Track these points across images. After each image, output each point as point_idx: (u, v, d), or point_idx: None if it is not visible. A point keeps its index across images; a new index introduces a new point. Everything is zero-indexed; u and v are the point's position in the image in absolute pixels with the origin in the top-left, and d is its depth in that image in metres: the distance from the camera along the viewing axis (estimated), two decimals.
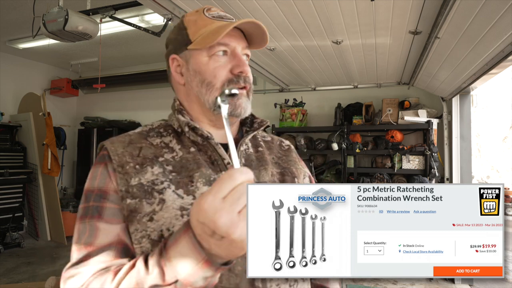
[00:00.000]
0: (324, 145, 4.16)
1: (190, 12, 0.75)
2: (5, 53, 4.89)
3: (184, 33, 0.71)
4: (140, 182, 0.62)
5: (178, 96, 0.76)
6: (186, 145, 0.70)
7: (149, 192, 0.61)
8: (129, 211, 0.61)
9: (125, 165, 0.64)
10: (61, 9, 2.27)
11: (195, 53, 0.70)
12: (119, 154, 0.65)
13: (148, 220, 0.60)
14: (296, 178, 0.79)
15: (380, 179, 3.77)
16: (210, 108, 0.70)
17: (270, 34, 2.64)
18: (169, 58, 0.75)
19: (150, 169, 0.64)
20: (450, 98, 3.78)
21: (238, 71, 0.69)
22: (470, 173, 3.78)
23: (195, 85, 0.70)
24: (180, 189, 0.63)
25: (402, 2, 2.06)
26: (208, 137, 0.68)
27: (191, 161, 0.67)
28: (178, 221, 0.60)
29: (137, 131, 0.72)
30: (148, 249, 0.60)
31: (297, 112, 4.39)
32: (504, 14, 1.78)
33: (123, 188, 0.62)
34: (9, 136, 4.81)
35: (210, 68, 0.68)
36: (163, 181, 0.63)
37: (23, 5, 3.31)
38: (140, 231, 0.60)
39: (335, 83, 4.41)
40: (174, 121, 0.73)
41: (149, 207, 0.61)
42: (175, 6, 2.10)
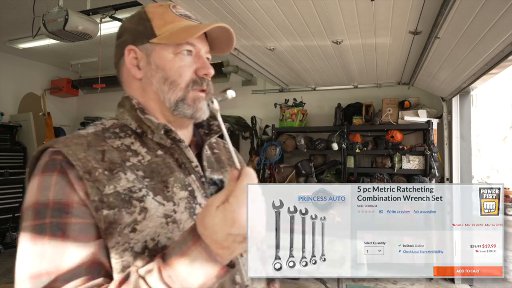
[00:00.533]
0: (324, 145, 4.16)
1: (152, 5, 0.71)
2: (5, 53, 4.88)
3: (147, 25, 0.67)
4: (116, 190, 0.56)
5: (130, 92, 0.70)
6: (152, 148, 0.65)
7: (127, 201, 0.56)
8: (107, 223, 0.54)
9: (93, 171, 0.56)
10: (61, 9, 2.27)
11: (159, 48, 0.66)
12: (81, 159, 0.57)
13: (131, 231, 0.55)
14: None
15: (380, 179, 3.77)
16: (171, 107, 0.67)
17: (270, 34, 2.65)
18: (124, 49, 0.68)
19: (123, 175, 0.58)
20: (450, 98, 3.78)
21: (203, 74, 0.67)
22: (470, 173, 3.78)
23: (156, 81, 0.66)
24: (158, 196, 0.59)
25: (402, 2, 2.06)
26: (180, 140, 0.66)
27: (161, 165, 0.63)
28: (163, 230, 0.57)
29: (90, 131, 0.64)
30: (129, 262, 0.55)
31: (297, 112, 4.39)
32: (504, 14, 1.78)
33: (96, 197, 0.55)
34: (9, 136, 4.81)
35: (175, 66, 0.66)
36: (141, 188, 0.58)
37: (23, 5, 3.31)
38: (122, 244, 0.55)
39: (335, 83, 4.41)
40: (129, 121, 0.67)
41: (129, 217, 0.55)
42: None
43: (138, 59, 0.67)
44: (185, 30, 0.66)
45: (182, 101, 0.66)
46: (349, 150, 4.02)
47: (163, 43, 0.66)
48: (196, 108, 0.67)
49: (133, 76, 0.68)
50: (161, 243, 0.56)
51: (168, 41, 0.65)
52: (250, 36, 2.71)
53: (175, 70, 0.66)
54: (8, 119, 4.97)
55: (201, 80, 0.68)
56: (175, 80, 0.66)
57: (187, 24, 0.68)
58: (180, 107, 0.66)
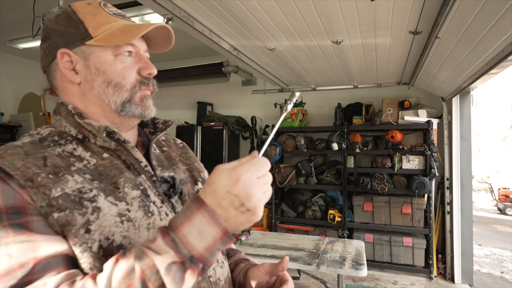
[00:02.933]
0: (324, 145, 4.16)
1: (79, 3, 0.66)
2: (5, 53, 4.89)
3: (80, 26, 0.63)
4: (64, 192, 0.54)
5: (67, 97, 0.66)
6: (96, 152, 0.62)
7: (77, 202, 0.54)
8: (60, 226, 0.52)
9: (35, 177, 0.53)
10: (61, 9, 2.27)
11: (97, 50, 0.63)
12: (19, 167, 0.53)
13: (85, 232, 0.53)
14: (201, 172, 0.82)
15: (380, 179, 3.77)
16: (117, 110, 0.65)
17: (270, 34, 2.65)
18: (55, 52, 0.64)
19: (70, 177, 0.56)
20: (450, 98, 3.78)
21: (147, 73, 0.67)
22: (470, 173, 3.79)
23: (98, 85, 0.64)
24: (109, 197, 0.58)
25: (402, 2, 2.06)
26: (124, 141, 0.64)
27: (109, 167, 0.61)
28: (118, 228, 0.55)
29: (26, 141, 0.59)
30: (91, 263, 0.53)
31: (297, 112, 4.39)
32: (504, 14, 1.78)
33: (43, 203, 0.52)
34: (9, 136, 4.81)
35: (117, 69, 0.64)
36: (91, 189, 0.56)
37: (23, 5, 3.31)
38: (79, 245, 0.53)
39: (335, 83, 4.41)
40: (68, 127, 0.64)
41: (82, 218, 0.53)
42: (175, 6, 2.10)
43: (73, 62, 0.64)
44: (125, 31, 0.64)
45: (129, 102, 0.65)
46: (349, 150, 4.02)
47: (103, 45, 0.63)
48: (144, 106, 0.67)
49: (69, 81, 0.65)
50: (116, 242, 0.55)
51: (108, 42, 0.62)
52: (250, 36, 2.71)
53: (118, 73, 0.64)
54: (8, 119, 4.97)
55: (147, 80, 0.67)
56: (120, 83, 0.64)
57: (124, 24, 0.66)
58: (127, 108, 0.65)
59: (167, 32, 0.70)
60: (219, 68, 4.31)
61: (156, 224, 0.61)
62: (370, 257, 3.84)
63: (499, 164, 15.88)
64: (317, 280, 3.30)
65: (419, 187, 3.60)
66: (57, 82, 0.67)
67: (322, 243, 2.71)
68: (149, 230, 0.59)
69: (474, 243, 5.00)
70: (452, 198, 3.78)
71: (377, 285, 3.55)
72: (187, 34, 2.56)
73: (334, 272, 2.15)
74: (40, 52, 0.68)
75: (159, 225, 0.61)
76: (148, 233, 0.59)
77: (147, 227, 0.59)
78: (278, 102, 4.62)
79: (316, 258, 2.31)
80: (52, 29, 0.66)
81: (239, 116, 4.89)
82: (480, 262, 4.85)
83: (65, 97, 0.67)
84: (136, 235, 0.57)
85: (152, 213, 0.61)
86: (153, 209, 0.62)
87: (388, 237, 3.81)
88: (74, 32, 0.63)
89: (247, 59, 3.29)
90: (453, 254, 3.71)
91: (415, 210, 3.75)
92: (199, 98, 5.20)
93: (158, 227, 0.57)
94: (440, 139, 3.95)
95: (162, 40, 0.71)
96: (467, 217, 3.74)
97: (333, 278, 3.58)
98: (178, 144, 0.86)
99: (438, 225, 3.96)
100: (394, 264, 3.79)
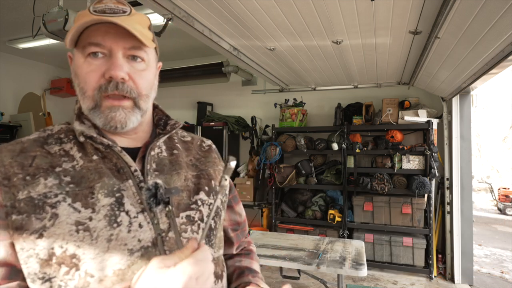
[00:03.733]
0: (324, 145, 4.16)
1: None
2: (5, 53, 4.88)
3: None
4: (29, 195, 0.55)
5: None
6: (88, 153, 0.62)
7: (39, 206, 0.54)
8: (14, 229, 0.53)
9: (12, 177, 0.56)
10: (61, 9, 2.27)
11: (76, 53, 0.63)
12: (5, 165, 0.57)
13: (37, 237, 0.53)
14: (213, 180, 0.74)
15: (380, 179, 3.77)
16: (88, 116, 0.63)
17: (270, 34, 2.65)
18: None
19: (43, 180, 0.57)
20: (450, 98, 3.78)
21: (108, 76, 0.60)
22: (470, 173, 3.79)
23: (76, 89, 0.64)
24: (77, 202, 0.56)
25: (402, 2, 2.06)
26: (109, 145, 0.61)
27: (92, 171, 0.60)
28: (72, 237, 0.54)
29: (32, 137, 0.63)
30: (35, 269, 0.53)
31: (297, 112, 4.39)
32: (504, 14, 1.78)
33: (8, 203, 0.54)
34: (9, 136, 4.81)
35: (83, 72, 0.61)
36: (57, 194, 0.56)
37: (23, 5, 3.31)
38: (27, 250, 0.53)
39: (335, 83, 4.41)
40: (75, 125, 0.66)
41: (39, 223, 0.53)
42: (175, 6, 2.10)
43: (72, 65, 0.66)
44: (74, 29, 0.59)
45: (93, 110, 0.62)
46: (349, 150, 4.02)
47: (68, 48, 0.62)
48: (108, 117, 0.61)
49: None
50: (69, 251, 0.53)
51: (66, 44, 0.61)
52: (250, 36, 2.71)
53: (83, 76, 0.61)
54: (8, 119, 4.97)
55: (106, 85, 0.60)
56: (83, 87, 0.62)
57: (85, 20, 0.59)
58: (92, 116, 0.62)
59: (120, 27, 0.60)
60: (219, 68, 4.31)
61: (120, 236, 0.56)
62: (370, 257, 3.84)
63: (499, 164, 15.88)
64: (317, 280, 3.30)
65: (419, 187, 3.60)
66: None
67: (322, 243, 2.71)
68: (110, 242, 0.55)
69: (474, 243, 5.00)
70: (452, 198, 3.78)
71: (377, 285, 3.55)
72: (187, 34, 2.56)
73: (334, 272, 2.15)
74: None
75: (124, 237, 0.57)
76: (108, 245, 0.55)
77: (108, 238, 0.55)
78: (278, 102, 4.62)
79: (316, 258, 2.31)
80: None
81: (239, 116, 4.88)
82: (480, 262, 4.86)
83: None
84: (91, 246, 0.54)
85: (118, 224, 0.57)
86: (121, 219, 0.57)
87: (388, 237, 3.81)
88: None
89: (247, 59, 3.29)
90: (453, 254, 3.71)
91: (415, 210, 3.75)
92: (199, 98, 5.20)
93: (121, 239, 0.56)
94: (440, 139, 3.95)
95: None
96: (467, 217, 3.74)
97: (333, 278, 3.58)
98: (203, 146, 0.81)
99: (438, 225, 3.96)
100: (394, 264, 3.79)
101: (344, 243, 2.71)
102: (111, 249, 0.55)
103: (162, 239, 0.60)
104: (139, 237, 0.58)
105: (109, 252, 0.55)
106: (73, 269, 0.53)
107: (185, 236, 0.63)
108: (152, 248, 0.58)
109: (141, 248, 0.57)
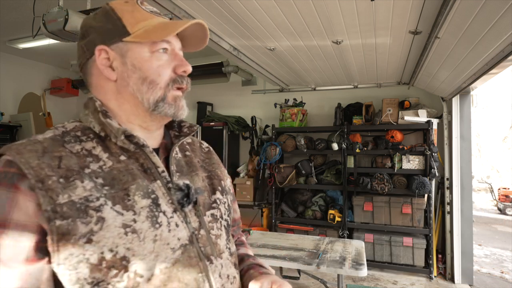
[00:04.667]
0: (324, 145, 4.16)
1: (117, 1, 0.66)
2: (5, 53, 4.88)
3: (118, 23, 0.63)
4: (70, 199, 0.53)
5: (101, 95, 0.66)
6: (114, 153, 0.62)
7: (82, 210, 0.53)
8: (60, 235, 0.52)
9: (46, 179, 0.53)
10: (61, 9, 2.27)
11: (134, 47, 0.63)
12: (34, 167, 0.53)
13: (85, 242, 0.52)
14: (222, 181, 0.78)
15: (380, 179, 3.77)
16: (149, 108, 0.64)
17: (270, 34, 2.65)
18: (93, 49, 0.64)
19: (80, 183, 0.55)
20: (450, 98, 3.78)
21: (182, 71, 0.67)
22: (470, 173, 3.79)
23: (133, 82, 0.63)
24: (117, 205, 0.56)
25: (402, 2, 2.06)
26: (143, 145, 0.63)
27: (123, 172, 0.60)
28: (122, 240, 0.54)
29: (48, 136, 0.60)
30: (85, 274, 0.52)
31: (297, 112, 4.39)
32: (504, 14, 1.78)
33: (48, 207, 0.52)
34: (9, 136, 4.81)
35: (153, 66, 0.64)
36: (99, 197, 0.55)
37: (23, 5, 3.31)
38: (77, 255, 0.52)
39: (335, 83, 4.41)
40: (93, 123, 0.64)
41: (85, 227, 0.53)
42: (175, 6, 2.10)
43: (111, 59, 0.64)
44: (162, 28, 0.64)
45: (162, 101, 0.64)
46: (349, 150, 4.02)
47: (138, 41, 0.63)
48: (177, 106, 0.66)
49: (106, 78, 0.65)
50: (119, 254, 0.54)
51: (145, 39, 0.63)
52: (250, 36, 2.71)
53: (154, 70, 0.64)
54: (8, 119, 4.96)
55: (181, 79, 0.67)
56: (154, 80, 0.64)
57: (161, 21, 0.66)
58: (160, 107, 0.65)
59: (202, 30, 0.69)
60: (219, 68, 4.31)
61: (163, 236, 0.58)
62: (370, 257, 3.84)
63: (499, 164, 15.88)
64: (317, 280, 3.30)
65: (419, 187, 3.60)
66: (93, 79, 0.67)
67: (322, 243, 2.71)
68: (155, 242, 0.57)
69: (474, 243, 5.00)
70: (452, 198, 3.78)
71: (377, 285, 3.55)
72: None
73: (334, 272, 2.15)
74: (77, 50, 0.69)
75: (166, 237, 0.59)
76: (154, 245, 0.57)
77: (153, 239, 0.57)
78: (278, 102, 4.62)
79: (316, 258, 2.31)
80: (90, 26, 0.66)
81: (239, 116, 4.88)
82: (480, 262, 4.86)
83: (100, 95, 0.67)
84: (140, 247, 0.56)
85: (160, 224, 0.59)
86: (161, 220, 0.59)
87: (388, 237, 3.81)
88: (112, 29, 0.64)
89: (247, 59, 3.29)
90: (453, 254, 3.71)
91: (415, 210, 3.75)
92: (199, 98, 5.20)
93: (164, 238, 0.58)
94: (440, 139, 3.95)
95: (197, 38, 0.71)
96: (467, 217, 3.74)
97: (333, 278, 3.58)
98: (203, 148, 0.84)
99: (438, 225, 3.96)
100: (394, 264, 3.79)
101: (344, 243, 2.71)
102: (157, 249, 0.57)
103: (195, 236, 0.63)
104: (178, 236, 0.61)
105: (155, 252, 0.57)
106: (122, 271, 0.54)
107: (213, 233, 0.67)
108: (190, 246, 0.62)
109: (181, 246, 0.60)
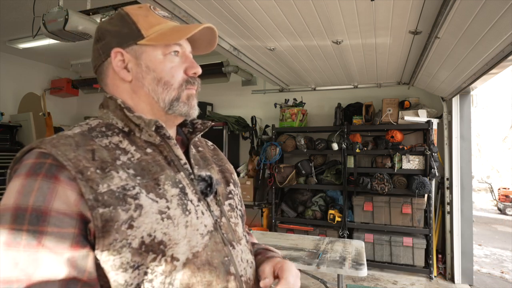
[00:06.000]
0: (324, 145, 4.16)
1: (131, 7, 0.71)
2: (5, 53, 4.88)
3: (133, 27, 0.67)
4: (110, 188, 0.56)
5: (116, 94, 0.69)
6: (140, 146, 0.66)
7: (122, 199, 0.57)
8: (104, 221, 0.55)
9: (85, 170, 0.56)
10: (61, 9, 2.27)
11: (149, 49, 0.67)
12: (71, 159, 0.56)
13: (127, 228, 0.56)
14: (232, 174, 0.84)
15: (380, 179, 3.77)
16: (164, 108, 0.68)
17: (270, 34, 2.65)
18: (109, 52, 0.68)
19: (116, 173, 0.59)
20: (450, 98, 3.78)
21: (193, 72, 0.70)
22: (470, 173, 3.79)
23: (148, 82, 0.67)
24: (151, 193, 0.60)
25: (402, 2, 2.06)
26: (169, 137, 0.67)
27: (152, 163, 0.64)
28: (159, 225, 0.58)
29: (76, 131, 0.63)
30: (128, 258, 0.55)
31: (297, 112, 4.39)
32: (504, 14, 1.78)
33: (90, 196, 0.55)
34: (9, 136, 4.81)
35: (166, 67, 0.68)
36: (134, 186, 0.59)
37: (23, 5, 3.31)
38: (120, 240, 0.55)
39: (335, 83, 4.42)
40: (115, 120, 0.67)
41: (125, 214, 0.56)
42: (175, 6, 2.10)
43: (125, 61, 0.68)
44: (175, 31, 0.68)
45: (176, 100, 0.69)
46: (349, 150, 4.02)
47: (152, 44, 0.67)
48: (190, 105, 0.71)
49: (121, 79, 0.68)
50: (157, 238, 0.58)
51: (158, 42, 0.67)
52: (250, 36, 2.71)
53: (167, 71, 0.68)
54: (8, 119, 4.97)
55: (193, 80, 0.71)
56: (168, 81, 0.68)
57: (174, 25, 0.70)
58: (175, 106, 0.69)
59: (212, 34, 0.73)
60: (219, 68, 4.31)
61: (193, 222, 0.63)
62: (370, 257, 3.84)
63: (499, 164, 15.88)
64: (317, 280, 3.30)
65: (419, 187, 3.60)
66: (109, 80, 0.70)
67: (322, 243, 2.71)
68: (187, 228, 0.61)
69: (474, 243, 5.00)
70: (452, 198, 3.78)
71: (377, 285, 3.55)
72: None
73: (334, 272, 2.15)
74: (92, 52, 0.72)
75: (195, 223, 0.63)
76: (186, 231, 0.61)
77: (185, 224, 0.61)
78: (278, 102, 4.62)
79: (316, 258, 2.31)
80: (106, 30, 0.70)
81: (239, 116, 4.88)
82: (480, 262, 4.86)
83: (116, 94, 0.70)
84: (175, 232, 0.60)
85: (189, 211, 0.63)
86: (190, 208, 0.64)
87: (388, 237, 3.81)
88: (127, 33, 0.68)
89: (247, 59, 3.29)
90: (453, 254, 3.71)
91: (415, 210, 3.75)
92: (199, 98, 5.01)
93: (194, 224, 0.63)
94: (440, 139, 3.95)
95: (205, 41, 0.75)
96: (467, 217, 3.74)
97: (333, 278, 3.58)
98: (209, 146, 0.89)
99: (438, 225, 3.96)
100: (394, 264, 3.79)
101: (344, 243, 2.71)
102: (189, 234, 0.62)
103: (218, 224, 0.68)
104: (204, 222, 0.65)
105: (187, 237, 0.61)
106: (159, 255, 0.57)
107: (232, 221, 0.73)
108: (215, 232, 0.66)
109: (208, 232, 0.65)
